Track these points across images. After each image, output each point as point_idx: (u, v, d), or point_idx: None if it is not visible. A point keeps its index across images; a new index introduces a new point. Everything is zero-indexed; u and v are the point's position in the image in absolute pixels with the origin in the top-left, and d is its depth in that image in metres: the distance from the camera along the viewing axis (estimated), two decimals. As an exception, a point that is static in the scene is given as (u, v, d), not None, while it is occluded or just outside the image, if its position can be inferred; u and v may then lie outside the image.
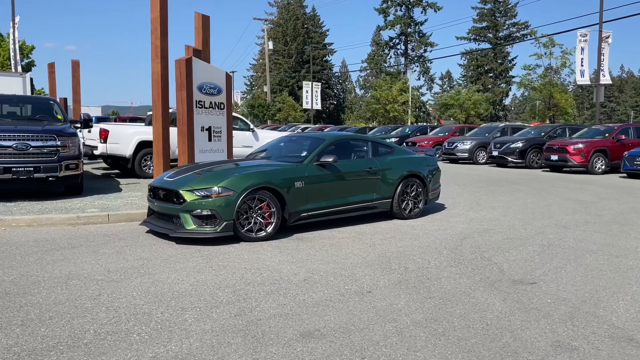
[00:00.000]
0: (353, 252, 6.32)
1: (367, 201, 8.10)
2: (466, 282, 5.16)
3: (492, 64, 67.57)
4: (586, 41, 28.19)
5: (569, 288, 4.98)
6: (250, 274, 5.39)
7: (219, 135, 10.79)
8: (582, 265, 5.79)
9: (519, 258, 6.09)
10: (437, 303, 4.54)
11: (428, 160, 9.13)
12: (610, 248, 6.62)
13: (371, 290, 4.89)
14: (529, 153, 19.42)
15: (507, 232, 7.58)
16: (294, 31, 73.32)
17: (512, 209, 9.65)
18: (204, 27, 11.04)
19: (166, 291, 4.81)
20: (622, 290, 4.94)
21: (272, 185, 6.98)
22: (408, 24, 66.18)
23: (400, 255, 6.18)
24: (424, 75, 69.16)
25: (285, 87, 71.57)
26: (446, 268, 5.66)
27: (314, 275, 5.34)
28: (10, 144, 9.11)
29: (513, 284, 5.11)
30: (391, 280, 5.21)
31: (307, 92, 51.36)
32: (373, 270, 5.56)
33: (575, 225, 8.08)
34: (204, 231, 6.65)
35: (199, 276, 5.29)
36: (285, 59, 73.37)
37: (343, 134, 8.91)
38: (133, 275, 5.31)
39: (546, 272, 5.50)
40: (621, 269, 5.67)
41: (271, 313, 4.27)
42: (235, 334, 3.83)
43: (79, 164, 9.86)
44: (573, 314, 4.31)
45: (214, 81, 10.63)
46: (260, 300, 4.56)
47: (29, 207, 8.75)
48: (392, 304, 4.52)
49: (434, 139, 23.68)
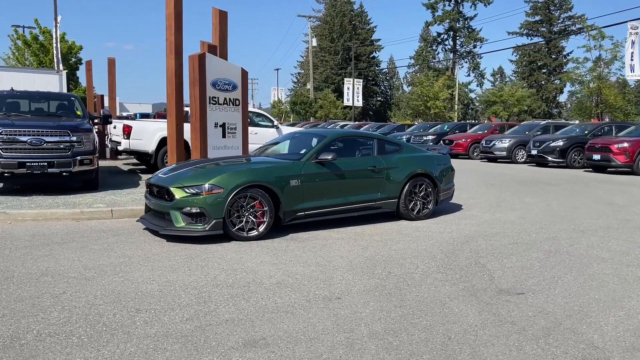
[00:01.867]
0: (341, 255, 6.05)
1: (370, 201, 7.79)
2: (447, 290, 4.81)
3: (545, 60, 65.09)
4: (637, 34, 26.59)
5: (558, 300, 4.56)
6: (225, 275, 5.21)
7: (233, 132, 10.68)
8: (583, 275, 5.32)
9: (516, 265, 5.67)
10: (404, 313, 4.23)
11: (440, 158, 8.71)
12: (624, 256, 6.08)
13: (341, 296, 4.62)
14: (570, 152, 18.47)
15: (516, 236, 7.12)
16: (341, 28, 72.87)
17: (533, 212, 9.11)
18: (221, 22, 10.98)
19: (131, 291, 4.69)
20: (619, 304, 4.48)
21: (265, 183, 6.78)
22: (457, 19, 64.62)
23: (389, 259, 5.87)
24: (473, 71, 67.47)
25: (332, 84, 71.26)
26: (432, 274, 5.31)
27: (289, 279, 5.11)
28: (25, 139, 9.29)
29: (498, 293, 4.72)
30: (367, 285, 4.92)
31: (349, 89, 50.91)
32: (353, 274, 5.28)
33: (594, 230, 7.52)
34: (193, 229, 6.53)
35: (172, 276, 5.16)
36: (332, 55, 73.08)
37: (346, 131, 8.65)
38: (107, 273, 5.23)
39: (540, 282, 5.08)
40: (627, 280, 5.17)
41: (224, 318, 4.07)
42: (176, 340, 3.65)
43: (93, 159, 9.97)
44: (551, 329, 3.91)
45: (228, 77, 10.53)
46: (219, 304, 4.38)
47: (40, 201, 8.89)
48: (356, 311, 4.24)
49: (472, 137, 22.92)
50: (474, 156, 22.50)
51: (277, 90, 72.48)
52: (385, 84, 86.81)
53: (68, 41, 30.22)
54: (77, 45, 30.96)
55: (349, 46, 70.75)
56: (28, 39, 29.77)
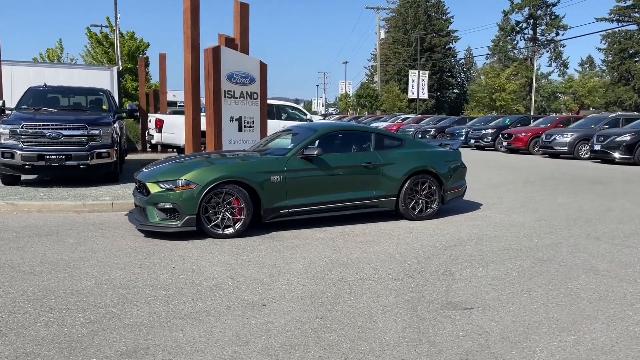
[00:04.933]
0: (308, 256, 5.71)
1: (364, 199, 7.35)
2: (389, 300, 4.37)
3: (637, 47, 60.24)
4: None
5: (507, 318, 4.00)
6: (169, 275, 5.04)
7: (250, 126, 10.53)
8: (559, 289, 4.67)
9: (489, 275, 5.09)
10: (320, 325, 3.85)
11: (447, 155, 8.08)
12: (623, 269, 5.32)
13: (268, 303, 4.31)
14: (638, 148, 16.85)
15: (514, 241, 6.46)
16: (415, 19, 71.16)
17: (556, 214, 8.29)
18: (242, 15, 10.84)
19: (63, 289, 4.61)
20: (575, 327, 3.86)
21: (241, 179, 6.54)
22: (538, 6, 61.23)
23: (353, 263, 5.46)
24: (555, 61, 63.69)
25: (404, 76, 69.85)
26: (387, 281, 4.86)
27: (229, 281, 4.85)
28: (44, 132, 9.61)
29: (442, 307, 4.22)
30: (306, 292, 4.57)
31: (413, 81, 49.57)
32: (301, 278, 4.94)
33: (612, 237, 6.68)
34: (167, 225, 6.41)
35: (116, 273, 5.04)
36: (405, 47, 71.56)
37: (342, 125, 8.22)
38: (58, 268, 5.20)
39: (502, 295, 4.50)
40: (607, 297, 4.48)
41: (127, 323, 3.88)
42: (56, 345, 3.49)
43: (112, 152, 10.16)
44: (471, 354, 3.40)
45: (245, 70, 10.38)
46: (135, 307, 4.19)
47: (54, 193, 9.15)
48: (270, 321, 3.92)
49: (533, 131, 21.50)
50: (534, 151, 21.11)
51: (344, 84, 72.00)
52: (462, 75, 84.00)
53: (137, 39, 31.44)
54: (144, 42, 32.11)
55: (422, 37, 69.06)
56: (99, 37, 31.25)
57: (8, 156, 9.56)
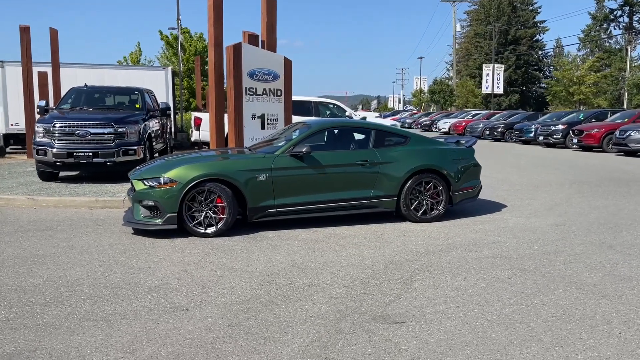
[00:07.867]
0: (275, 259, 5.47)
1: (361, 199, 6.98)
2: (319, 309, 4.04)
3: None
4: None
5: (435, 335, 3.56)
6: (120, 274, 4.98)
7: (274, 123, 10.41)
8: (521, 305, 4.13)
9: (451, 286, 4.61)
10: (224, 334, 3.61)
11: (457, 152, 7.50)
12: (616, 283, 4.64)
13: (192, 308, 4.12)
14: None
15: (510, 248, 5.86)
16: (498, 11, 68.16)
17: (582, 218, 7.49)
18: (269, 11, 10.76)
19: (11, 285, 4.67)
20: (505, 350, 3.36)
21: (224, 177, 6.40)
22: (634, -8, 56.68)
23: (315, 267, 5.16)
24: (653, 51, 58.68)
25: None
26: (334, 289, 4.53)
27: (172, 283, 4.72)
28: (74, 131, 10.01)
29: (372, 320, 3.84)
30: (239, 297, 4.34)
31: (488, 76, 47.40)
32: (246, 282, 4.71)
33: (628, 247, 5.90)
34: (150, 222, 6.40)
35: (72, 271, 5.05)
36: (487, 40, 68.72)
37: (340, 121, 7.86)
38: (25, 264, 5.29)
39: (449, 309, 4.04)
40: (571, 316, 3.90)
41: (37, 323, 3.82)
42: (-45, 341, 3.51)
43: (138, 150, 10.40)
44: (362, 376, 3.03)
45: (269, 67, 10.27)
46: (57, 307, 4.14)
47: (80, 188, 9.49)
48: (176, 328, 3.73)
49: (607, 127, 19.76)
50: (607, 149, 19.42)
51: (419, 80, 70.29)
52: (551, 68, 79.44)
53: (205, 40, 32.43)
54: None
55: (506, 30, 65.99)
56: (170, 39, 32.53)
57: (42, 154, 10.05)
